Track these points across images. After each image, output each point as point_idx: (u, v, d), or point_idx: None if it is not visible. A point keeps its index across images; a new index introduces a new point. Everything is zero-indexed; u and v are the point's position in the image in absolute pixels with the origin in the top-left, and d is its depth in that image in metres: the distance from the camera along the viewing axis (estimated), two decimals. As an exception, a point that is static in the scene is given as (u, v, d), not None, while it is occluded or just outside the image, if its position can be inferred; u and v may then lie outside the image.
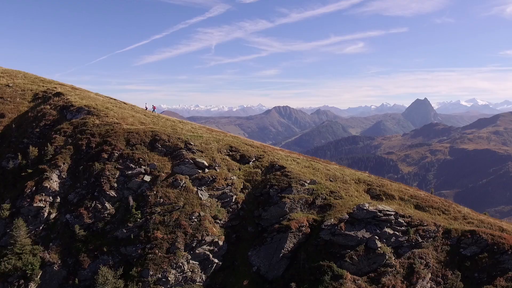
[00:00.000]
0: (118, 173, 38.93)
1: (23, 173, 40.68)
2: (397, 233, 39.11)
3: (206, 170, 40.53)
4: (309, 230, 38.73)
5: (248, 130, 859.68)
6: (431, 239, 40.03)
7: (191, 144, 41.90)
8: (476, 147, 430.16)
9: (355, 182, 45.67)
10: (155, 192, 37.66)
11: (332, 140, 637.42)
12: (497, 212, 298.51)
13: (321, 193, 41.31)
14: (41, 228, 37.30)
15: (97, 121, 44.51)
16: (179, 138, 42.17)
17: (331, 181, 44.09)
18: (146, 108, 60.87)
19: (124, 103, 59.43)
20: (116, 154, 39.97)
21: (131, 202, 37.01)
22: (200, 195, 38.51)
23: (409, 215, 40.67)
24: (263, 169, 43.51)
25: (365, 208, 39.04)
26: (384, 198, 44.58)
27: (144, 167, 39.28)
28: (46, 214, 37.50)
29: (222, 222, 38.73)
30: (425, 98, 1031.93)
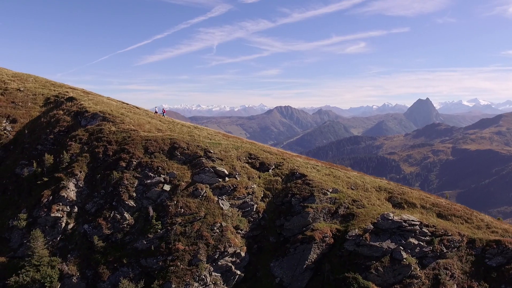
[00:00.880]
0: (136, 182, 37.99)
1: (39, 182, 39.78)
2: (422, 243, 38.21)
3: (227, 178, 39.59)
4: (332, 240, 37.82)
5: (249, 130, 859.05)
6: (455, 249, 39.13)
7: (211, 152, 40.95)
8: (478, 147, 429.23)
9: (376, 190, 44.74)
10: (175, 202, 36.72)
11: (334, 140, 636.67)
12: (499, 212, 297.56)
13: (344, 202, 40.39)
14: (58, 238, 36.38)
15: (113, 128, 43.55)
16: (198, 146, 41.21)
17: (352, 189, 43.17)
18: (156, 112, 60.09)
19: (137, 107, 58.54)
20: (135, 163, 39.03)
21: (151, 212, 36.08)
22: (221, 205, 37.57)
23: (433, 225, 39.77)
24: (283, 177, 42.57)
25: (390, 218, 38.10)
26: (405, 207, 43.67)
27: (163, 176, 38.33)
28: (63, 225, 36.58)
29: (243, 232, 37.82)
30: (427, 98, 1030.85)
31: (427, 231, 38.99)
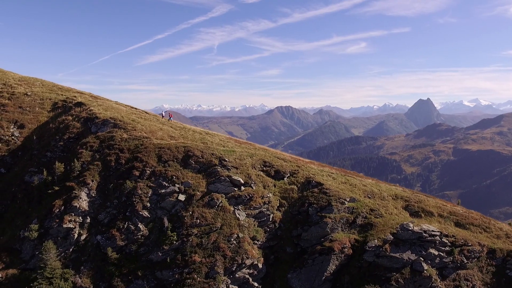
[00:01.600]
0: (150, 191, 37.02)
1: (50, 191, 38.82)
2: (442, 254, 37.38)
3: (242, 187, 38.64)
4: (351, 251, 36.91)
5: (250, 130, 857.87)
6: (476, 259, 38.32)
7: (226, 160, 39.97)
8: (480, 147, 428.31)
9: (392, 199, 43.84)
10: (191, 212, 35.76)
11: (335, 141, 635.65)
12: (501, 213, 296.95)
13: (361, 212, 39.47)
14: (71, 250, 35.45)
15: (125, 135, 42.54)
16: (212, 154, 40.23)
17: (369, 198, 42.26)
18: (163, 117, 59.30)
19: (147, 112, 57.57)
20: (148, 171, 38.05)
21: (166, 223, 35.15)
22: (237, 215, 36.64)
23: (452, 235, 38.92)
24: (298, 185, 41.63)
25: (410, 228, 37.20)
26: (423, 215, 42.80)
27: (178, 186, 37.37)
28: (76, 236, 35.64)
29: (259, 242, 36.89)
30: (428, 98, 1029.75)
31: (447, 241, 38.15)
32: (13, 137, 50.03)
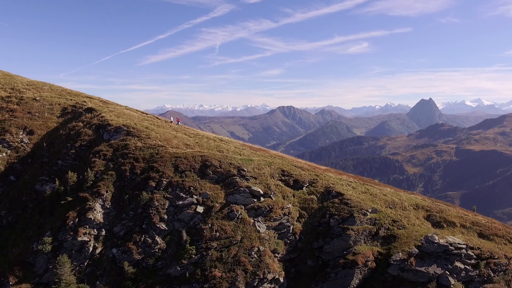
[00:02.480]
0: (167, 203, 35.77)
1: (63, 201, 37.62)
2: (467, 267, 36.16)
3: (262, 198, 37.40)
4: (374, 264, 35.70)
5: (252, 130, 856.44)
6: (502, 272, 37.07)
7: (244, 170, 38.69)
8: (482, 148, 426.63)
9: (413, 208, 42.60)
10: (210, 225, 34.53)
11: (337, 141, 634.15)
12: (504, 214, 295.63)
13: (384, 223, 38.24)
14: (86, 264, 34.25)
15: (139, 144, 41.26)
16: (230, 164, 38.96)
17: (390, 208, 41.01)
18: (171, 121, 58.18)
19: (158, 118, 56.31)
20: (165, 182, 36.80)
21: (185, 236, 33.91)
22: (257, 227, 35.40)
23: (478, 247, 37.68)
24: (318, 195, 40.39)
25: (435, 241, 35.98)
26: (445, 226, 41.56)
27: (196, 197, 36.12)
28: (91, 249, 34.43)
29: (280, 255, 35.67)
30: (430, 98, 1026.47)
31: (473, 254, 36.94)
32: (22, 143, 48.88)
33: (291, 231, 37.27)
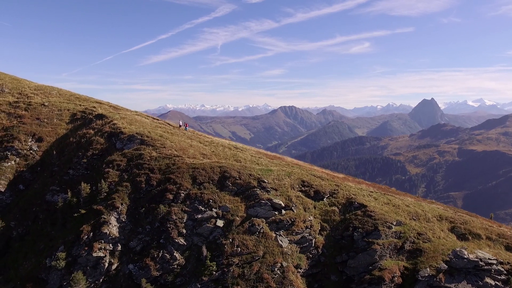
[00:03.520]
0: (186, 216, 34.30)
1: (76, 214, 36.20)
2: (498, 283, 34.66)
3: (283, 211, 35.95)
4: (401, 280, 34.19)
5: (254, 130, 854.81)
6: (532, 288, 35.60)
7: (265, 182, 37.21)
8: (485, 148, 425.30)
9: (437, 220, 41.14)
10: (231, 239, 33.08)
11: (338, 141, 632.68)
12: (507, 214, 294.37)
13: (409, 236, 36.78)
14: (101, 280, 32.81)
15: (154, 153, 39.77)
16: (250, 175, 37.49)
17: (414, 220, 39.56)
18: (180, 126, 57.00)
19: (169, 124, 54.86)
20: (182, 195, 35.34)
21: (205, 252, 32.48)
22: (280, 242, 33.96)
23: (507, 261, 36.18)
24: (339, 206, 38.95)
25: (465, 256, 34.52)
26: (470, 238, 40.10)
27: (215, 210, 34.67)
28: (106, 265, 32.99)
29: (302, 271, 34.23)
30: (432, 98, 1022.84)
31: (502, 269, 35.44)
32: (31, 151, 47.50)
33: (313, 245, 35.83)
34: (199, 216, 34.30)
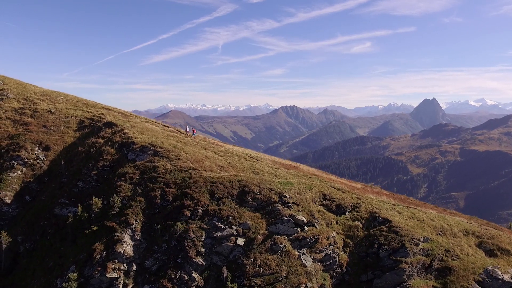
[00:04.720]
0: (204, 234, 32.46)
1: (87, 231, 34.36)
2: (534, 305, 32.93)
3: (305, 227, 34.14)
4: (430, 301, 32.52)
5: (255, 129, 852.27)
6: None
7: (286, 197, 35.41)
8: (487, 148, 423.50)
9: (463, 234, 39.37)
10: (252, 259, 31.28)
11: (340, 141, 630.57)
12: (509, 215, 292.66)
13: (437, 254, 35.00)
14: (115, 302, 31.06)
15: (168, 166, 37.89)
16: (271, 189, 35.66)
17: (440, 235, 37.78)
18: (187, 132, 55.38)
19: (180, 131, 53.01)
20: (200, 211, 33.50)
21: (225, 272, 30.69)
22: (303, 261, 32.18)
23: (540, 280, 34.41)
24: (363, 221, 37.17)
25: (499, 277, 32.77)
26: (499, 254, 38.34)
27: (235, 227, 32.84)
28: (121, 286, 31.17)
29: (326, 291, 32.50)
30: (434, 98, 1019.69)
31: (536, 288, 33.69)
32: (38, 160, 45.69)
33: (337, 263, 34.07)
34: (218, 234, 32.48)
